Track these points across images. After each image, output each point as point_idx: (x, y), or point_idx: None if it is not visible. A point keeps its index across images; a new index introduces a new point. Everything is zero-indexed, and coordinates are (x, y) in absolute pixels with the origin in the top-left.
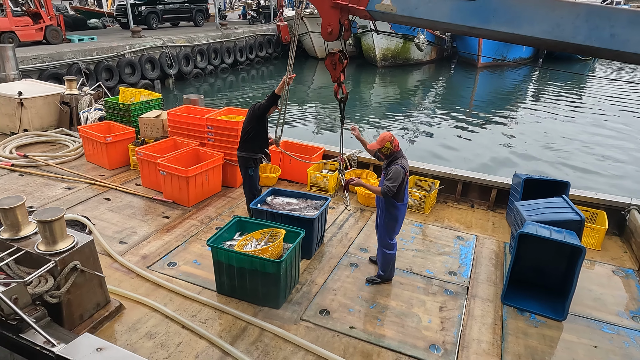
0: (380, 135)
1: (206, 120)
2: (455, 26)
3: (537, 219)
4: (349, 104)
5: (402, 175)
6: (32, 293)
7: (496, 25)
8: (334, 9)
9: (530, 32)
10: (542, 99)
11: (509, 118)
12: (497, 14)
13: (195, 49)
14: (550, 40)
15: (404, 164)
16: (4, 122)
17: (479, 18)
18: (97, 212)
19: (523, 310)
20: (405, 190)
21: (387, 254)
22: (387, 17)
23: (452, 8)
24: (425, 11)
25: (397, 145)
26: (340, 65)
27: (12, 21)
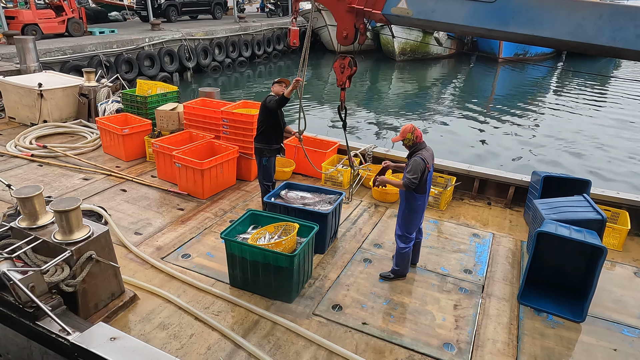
0: (402, 127)
1: (221, 113)
2: (472, 29)
3: (556, 217)
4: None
5: (421, 166)
6: (48, 281)
7: (515, 27)
8: (349, 13)
9: (551, 33)
10: (564, 95)
11: (530, 114)
12: (517, 15)
13: (214, 42)
14: (572, 41)
15: (425, 155)
16: (25, 113)
17: (497, 20)
18: (113, 203)
19: (540, 310)
20: (427, 182)
21: (402, 246)
22: (403, 20)
23: (469, 10)
24: (442, 14)
25: (419, 136)
26: (348, 70)
27: (35, 14)
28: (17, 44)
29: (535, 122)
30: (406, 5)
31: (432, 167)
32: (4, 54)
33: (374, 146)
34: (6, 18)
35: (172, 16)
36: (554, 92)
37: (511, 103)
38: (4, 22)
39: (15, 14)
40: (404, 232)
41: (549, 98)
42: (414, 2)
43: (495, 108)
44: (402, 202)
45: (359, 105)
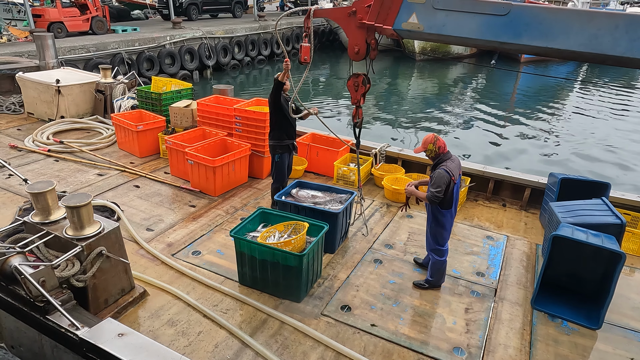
0: (424, 137)
1: (234, 110)
2: (485, 42)
3: (573, 221)
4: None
5: (445, 179)
6: (59, 276)
7: (529, 39)
8: (360, 29)
9: (565, 45)
10: (588, 96)
11: (552, 115)
12: (530, 28)
13: (233, 40)
14: (588, 52)
15: (450, 166)
16: (43, 108)
17: (510, 33)
18: (126, 198)
19: (554, 316)
20: (453, 196)
21: (437, 260)
22: (414, 35)
23: (481, 24)
24: (454, 28)
25: (442, 146)
26: (362, 88)
27: (61, 12)
28: (36, 40)
29: (557, 123)
30: (417, 20)
31: (458, 179)
32: (31, 51)
33: (387, 145)
34: (33, 16)
35: (193, 14)
36: (578, 93)
37: (533, 103)
38: (31, 20)
39: (42, 12)
40: (435, 246)
41: (571, 99)
42: (424, 17)
43: (516, 108)
44: (428, 216)
45: (377, 103)
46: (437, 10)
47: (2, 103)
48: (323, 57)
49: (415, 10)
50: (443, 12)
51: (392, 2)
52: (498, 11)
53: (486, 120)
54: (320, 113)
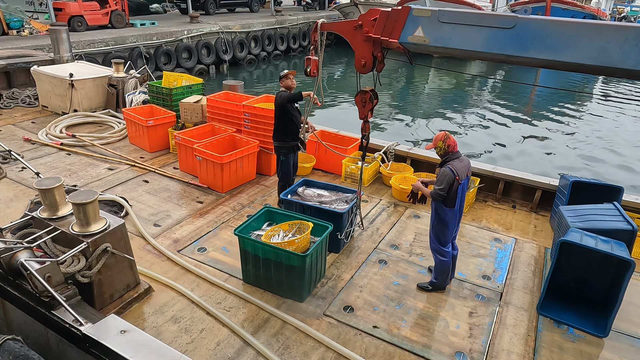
0: (435, 135)
1: (243, 107)
2: (491, 55)
3: (582, 226)
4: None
5: (449, 177)
6: (64, 272)
7: (535, 52)
8: (366, 42)
9: (573, 58)
10: (610, 95)
11: (570, 115)
12: (536, 41)
13: (250, 35)
14: (596, 66)
15: (456, 166)
16: (57, 102)
17: (516, 46)
18: (135, 193)
19: (560, 322)
20: (458, 196)
21: (440, 259)
22: (420, 48)
23: (487, 37)
24: (460, 41)
25: (452, 145)
26: (369, 104)
27: (81, 6)
28: (51, 34)
29: (575, 123)
30: (423, 34)
31: (465, 179)
32: (51, 44)
33: (397, 143)
34: (54, 10)
35: (211, 9)
36: (599, 92)
37: (552, 102)
38: (52, 13)
39: (63, 6)
40: (437, 245)
41: (592, 99)
42: (430, 30)
43: (534, 107)
44: (432, 213)
45: (393, 101)
46: (442, 24)
47: (18, 96)
48: (340, 51)
49: (421, 23)
50: (449, 26)
51: (397, 16)
52: (504, 24)
53: (502, 118)
54: (334, 108)
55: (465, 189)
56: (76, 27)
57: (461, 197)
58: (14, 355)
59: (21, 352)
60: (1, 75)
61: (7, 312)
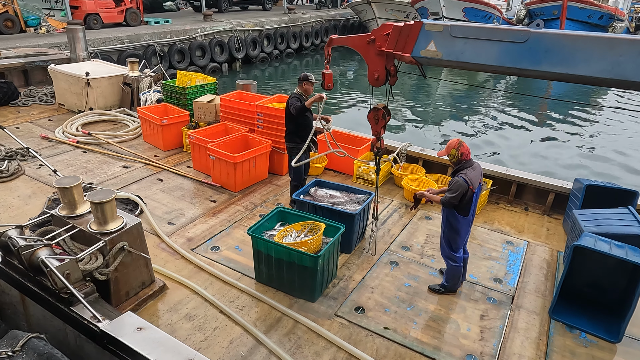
0: (449, 141)
1: (256, 107)
2: (504, 68)
3: (596, 230)
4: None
5: (463, 188)
6: (83, 269)
7: (549, 66)
8: (379, 56)
9: (586, 71)
10: (626, 96)
11: (586, 117)
12: (549, 54)
13: (263, 33)
14: (610, 79)
15: (469, 175)
16: (73, 100)
17: (529, 60)
18: (149, 192)
19: (573, 327)
20: (472, 205)
21: (451, 265)
22: (432, 62)
23: (499, 51)
24: (472, 55)
25: (466, 153)
26: (382, 121)
27: (97, 4)
28: (67, 33)
29: (590, 125)
30: (435, 48)
31: (478, 188)
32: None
33: (409, 144)
34: (70, 7)
35: (224, 7)
36: (616, 93)
37: (566, 105)
38: (69, 11)
39: (79, 4)
40: (449, 251)
41: (609, 98)
42: (442, 45)
43: (549, 108)
44: (443, 220)
45: (406, 102)
46: (455, 38)
47: (35, 94)
48: (351, 50)
49: (433, 38)
50: (461, 40)
51: (410, 31)
52: (516, 38)
53: (516, 120)
54: (346, 107)
55: (478, 195)
56: (92, 25)
57: (474, 205)
58: (38, 353)
59: (45, 350)
60: (19, 73)
61: (27, 308)
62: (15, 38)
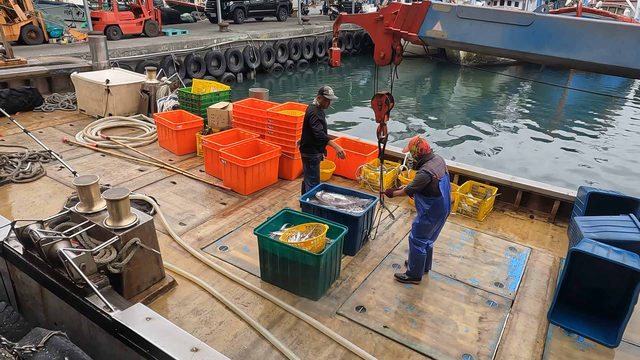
0: (410, 139)
1: (267, 114)
2: (507, 51)
3: (596, 236)
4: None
5: (424, 180)
6: (97, 262)
7: (551, 50)
8: (386, 35)
9: (587, 57)
10: None
11: (598, 127)
12: (552, 39)
13: (277, 43)
14: (610, 65)
15: (430, 167)
16: (93, 106)
17: (532, 43)
18: (163, 194)
19: (571, 331)
20: (442, 192)
21: (415, 249)
22: (438, 42)
23: (504, 34)
24: (477, 37)
25: (425, 148)
26: (385, 107)
27: (117, 15)
28: (90, 42)
29: (603, 136)
30: (441, 28)
31: (445, 176)
32: (88, 52)
33: None
34: (91, 19)
35: (239, 18)
36: (631, 104)
37: (580, 115)
38: (90, 22)
39: (100, 16)
40: (415, 236)
41: (624, 111)
42: (448, 25)
43: (562, 119)
44: (417, 207)
45: (417, 110)
46: (461, 19)
47: (58, 100)
48: (365, 60)
49: (440, 18)
50: (467, 21)
51: (417, 10)
52: (521, 21)
53: (529, 130)
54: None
55: (448, 185)
56: (112, 36)
57: (446, 193)
58: (60, 350)
59: (67, 347)
60: (44, 80)
61: (45, 299)
62: (38, 48)
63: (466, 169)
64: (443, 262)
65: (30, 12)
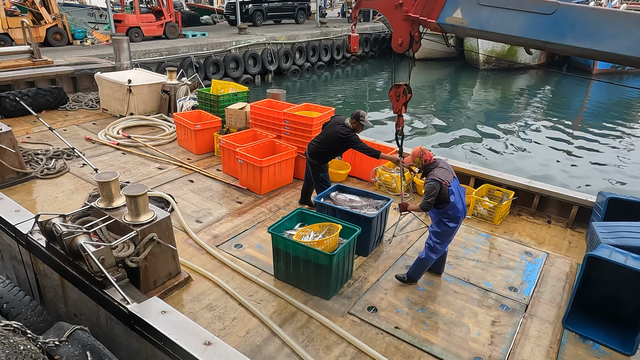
0: (412, 150)
1: (284, 114)
2: (527, 40)
3: (614, 242)
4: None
5: (435, 189)
6: (116, 256)
7: (573, 40)
8: (405, 21)
9: (611, 48)
10: None
11: (622, 133)
12: (575, 28)
13: (295, 46)
14: (634, 57)
15: (438, 174)
16: (115, 105)
17: (554, 32)
18: (180, 192)
19: (586, 337)
20: (454, 197)
21: (429, 255)
22: (457, 30)
23: (525, 22)
24: (497, 25)
25: (429, 159)
26: (403, 98)
27: (139, 18)
28: (113, 43)
29: (624, 141)
30: (461, 15)
31: (454, 181)
32: (110, 54)
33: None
34: (114, 21)
35: (258, 20)
36: None
37: (602, 120)
38: (112, 25)
39: (122, 18)
40: (434, 243)
41: None
42: (469, 12)
43: (584, 124)
44: (432, 218)
45: (434, 113)
46: (482, 7)
47: (82, 99)
48: (382, 63)
49: (460, 4)
50: (488, 9)
51: None
52: (544, 10)
53: (548, 134)
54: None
55: (460, 189)
56: (133, 38)
57: (460, 197)
58: (82, 344)
59: (88, 342)
60: (69, 80)
61: (66, 291)
62: (63, 50)
63: (482, 172)
64: (457, 265)
65: (56, 15)
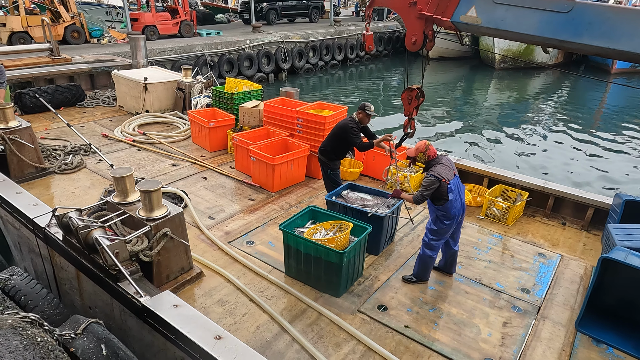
0: (417, 144)
1: (296, 112)
2: (543, 39)
3: (630, 245)
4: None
5: (433, 184)
6: (130, 250)
7: (589, 39)
8: (419, 20)
9: (628, 47)
10: None
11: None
12: (592, 27)
13: (309, 45)
14: None
15: (439, 170)
16: (131, 103)
17: (570, 31)
18: (194, 188)
19: (600, 341)
20: (454, 195)
21: (426, 252)
22: (471, 28)
23: (541, 20)
24: (512, 23)
25: (432, 155)
26: (415, 101)
27: (154, 16)
28: (130, 42)
29: None
30: (476, 14)
31: (455, 179)
32: (127, 52)
33: (445, 154)
34: (130, 20)
35: (272, 19)
36: None
37: (618, 120)
38: (129, 23)
39: (138, 17)
40: (429, 239)
41: None
42: (483, 11)
43: (601, 125)
44: (430, 212)
45: (450, 112)
46: (497, 5)
47: (99, 96)
48: (396, 62)
49: (475, 3)
50: (503, 7)
51: None
52: (560, 8)
53: (566, 135)
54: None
55: (460, 186)
56: (149, 36)
57: (457, 195)
58: (97, 337)
59: (103, 335)
60: (87, 77)
61: (81, 283)
62: (80, 48)
63: (496, 172)
64: (468, 265)
65: (74, 13)
